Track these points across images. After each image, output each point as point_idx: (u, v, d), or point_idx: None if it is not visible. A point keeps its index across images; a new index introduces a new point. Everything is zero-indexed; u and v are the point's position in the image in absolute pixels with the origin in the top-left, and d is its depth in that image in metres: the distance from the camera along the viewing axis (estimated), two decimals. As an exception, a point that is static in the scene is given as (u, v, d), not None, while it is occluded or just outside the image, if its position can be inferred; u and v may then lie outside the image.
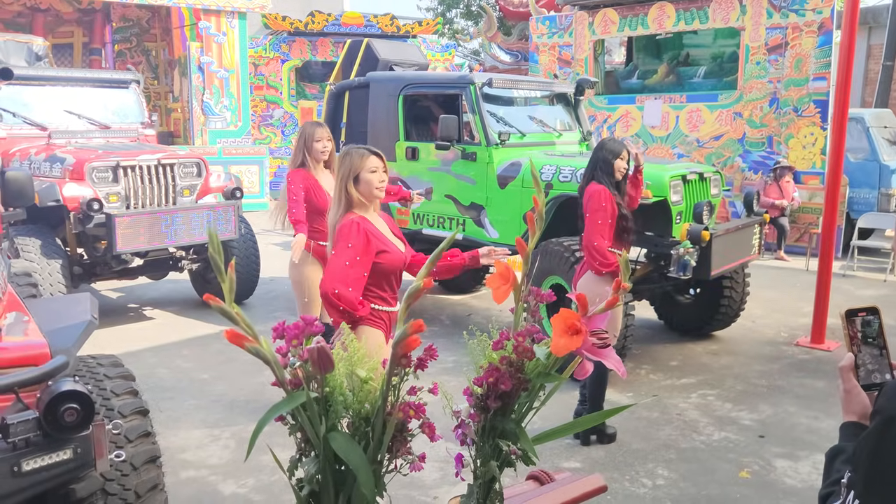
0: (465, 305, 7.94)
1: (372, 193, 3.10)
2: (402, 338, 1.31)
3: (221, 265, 1.21)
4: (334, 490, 1.42)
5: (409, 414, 1.39)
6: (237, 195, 7.47)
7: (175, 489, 3.75)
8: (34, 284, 4.43)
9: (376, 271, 3.10)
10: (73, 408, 2.26)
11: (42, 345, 2.53)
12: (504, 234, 6.47)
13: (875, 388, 1.34)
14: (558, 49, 13.11)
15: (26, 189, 4.44)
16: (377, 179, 3.10)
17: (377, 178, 3.10)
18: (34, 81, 7.67)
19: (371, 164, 3.10)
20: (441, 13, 28.26)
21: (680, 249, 5.49)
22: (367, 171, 3.09)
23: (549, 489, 2.02)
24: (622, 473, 4.20)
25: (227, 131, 14.83)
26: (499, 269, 1.61)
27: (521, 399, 1.57)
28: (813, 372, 5.88)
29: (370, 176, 3.09)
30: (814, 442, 4.61)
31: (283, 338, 1.37)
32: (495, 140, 6.44)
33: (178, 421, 4.90)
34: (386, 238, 3.14)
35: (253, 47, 16.33)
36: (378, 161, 3.12)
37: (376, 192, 3.10)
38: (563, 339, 1.41)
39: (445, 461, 4.05)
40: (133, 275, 7.44)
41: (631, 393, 5.42)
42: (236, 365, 5.87)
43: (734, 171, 11.07)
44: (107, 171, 6.75)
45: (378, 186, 3.10)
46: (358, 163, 3.10)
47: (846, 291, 8.32)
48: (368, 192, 3.10)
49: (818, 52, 10.28)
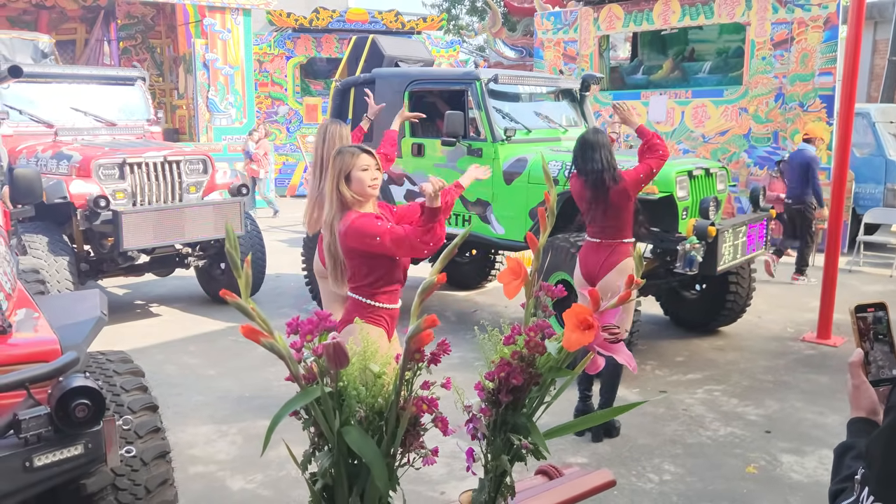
0: (471, 301, 7.95)
1: (365, 192, 3.09)
2: (416, 332, 1.32)
3: (238, 260, 1.22)
4: (348, 484, 1.43)
5: (422, 408, 1.40)
6: (243, 192, 7.49)
7: (184, 485, 3.77)
8: (42, 281, 4.46)
9: (382, 266, 3.11)
10: (84, 403, 2.27)
11: (53, 341, 2.54)
12: (510, 230, 6.48)
13: (884, 384, 1.34)
14: (563, 45, 13.09)
15: (35, 186, 4.45)
16: (369, 177, 3.08)
17: (369, 177, 3.08)
18: (40, 79, 7.69)
19: (362, 162, 3.09)
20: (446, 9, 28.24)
21: (686, 245, 5.49)
22: (359, 169, 3.08)
23: (559, 483, 2.03)
24: (629, 469, 4.21)
25: (232, 128, 14.85)
26: (509, 264, 1.62)
27: (533, 394, 1.58)
28: (819, 367, 5.88)
29: (362, 174, 3.07)
30: (820, 437, 4.62)
31: (297, 333, 1.38)
32: (501, 136, 6.44)
33: (185, 417, 4.92)
34: None
35: (258, 44, 16.35)
36: (370, 159, 3.11)
37: (369, 191, 3.10)
38: (575, 334, 1.41)
39: (453, 456, 4.06)
40: (139, 271, 7.47)
41: (637, 389, 5.42)
42: (243, 361, 5.89)
43: (740, 166, 11.05)
44: (113, 168, 6.77)
45: (371, 184, 3.09)
46: (349, 161, 3.09)
47: (852, 287, 8.30)
48: (361, 190, 3.09)
49: (824, 48, 10.25)
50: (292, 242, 10.91)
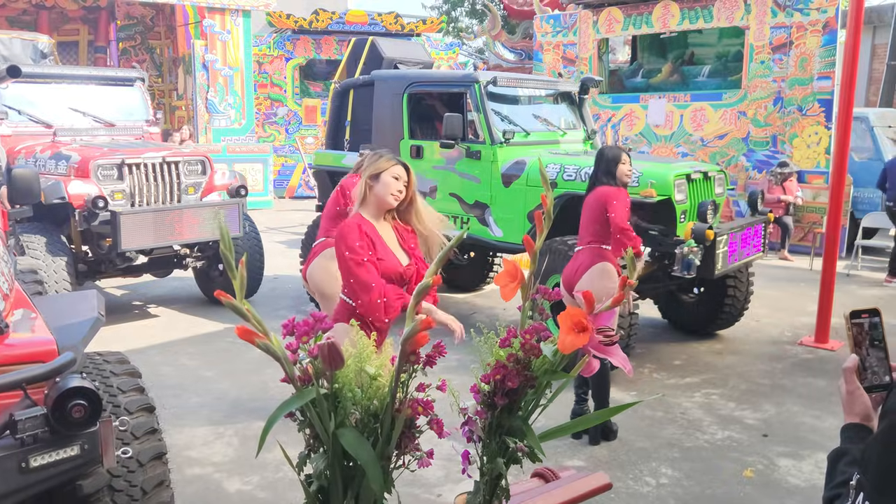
0: (469, 304, 7.95)
1: (385, 198, 3.12)
2: (412, 334, 1.32)
3: (233, 262, 1.22)
4: (343, 486, 1.43)
5: (417, 410, 1.40)
6: (241, 193, 7.48)
7: (180, 486, 3.77)
8: (40, 282, 4.45)
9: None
10: (81, 404, 2.26)
11: (50, 341, 2.54)
12: (508, 233, 6.48)
13: (877, 390, 1.35)
14: (562, 48, 13.10)
15: (33, 186, 4.45)
16: (395, 187, 3.12)
17: (395, 186, 3.12)
18: (39, 79, 7.69)
19: (396, 171, 3.14)
20: (445, 11, 28.26)
21: (684, 248, 5.50)
22: (390, 174, 3.12)
23: (555, 487, 2.03)
24: (626, 472, 4.21)
25: (231, 129, 14.86)
26: (505, 267, 1.62)
27: (528, 396, 1.58)
28: (816, 371, 5.88)
29: (390, 180, 3.12)
30: (817, 441, 4.62)
31: (292, 334, 1.38)
32: (500, 138, 6.44)
33: (182, 418, 4.91)
34: (386, 247, 3.14)
35: (257, 45, 16.36)
36: (403, 171, 3.15)
37: (389, 199, 3.13)
38: (570, 337, 1.41)
39: (449, 459, 4.06)
40: (137, 272, 7.46)
41: (635, 392, 5.42)
42: (240, 363, 5.88)
43: (738, 170, 11.07)
44: (112, 169, 6.76)
45: (394, 193, 3.12)
46: (384, 164, 3.15)
47: (850, 291, 8.31)
48: (384, 193, 3.12)
49: (823, 52, 10.27)
50: (291, 244, 10.90)
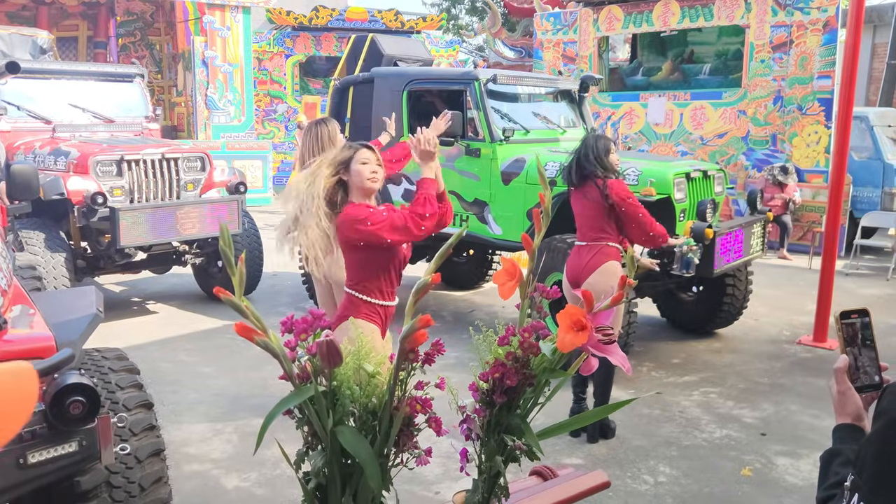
0: (468, 301, 7.95)
1: (364, 185, 3.16)
2: (410, 332, 1.32)
3: (232, 259, 1.21)
4: (341, 483, 1.43)
5: (415, 408, 1.40)
6: (241, 190, 7.48)
7: (178, 483, 3.76)
8: (38, 277, 4.44)
9: (374, 263, 3.12)
10: (79, 401, 2.26)
11: (48, 337, 2.54)
12: (507, 231, 6.48)
13: (868, 390, 1.34)
14: (563, 46, 13.09)
15: (32, 182, 4.45)
16: (368, 171, 3.17)
17: (368, 170, 3.17)
18: (39, 75, 7.68)
19: (361, 156, 3.20)
20: (445, 9, 28.24)
21: (683, 247, 5.49)
22: (358, 162, 3.17)
23: (553, 485, 2.03)
24: (624, 470, 4.21)
25: (230, 126, 14.84)
26: (504, 265, 1.62)
27: (527, 394, 1.58)
28: (815, 370, 5.89)
29: (360, 167, 3.17)
30: (815, 440, 4.62)
31: (291, 332, 1.38)
32: (499, 136, 6.43)
33: (181, 415, 4.91)
34: None
35: (257, 42, 16.34)
36: (369, 153, 3.22)
37: (368, 183, 3.18)
38: (569, 335, 1.41)
39: (447, 457, 4.06)
40: (136, 269, 7.45)
41: (633, 390, 5.42)
42: (239, 359, 5.88)
43: (738, 169, 11.06)
44: (111, 165, 6.76)
45: (369, 177, 3.18)
46: (347, 153, 3.23)
47: (849, 290, 8.31)
48: (360, 181, 3.16)
49: (823, 51, 10.26)
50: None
